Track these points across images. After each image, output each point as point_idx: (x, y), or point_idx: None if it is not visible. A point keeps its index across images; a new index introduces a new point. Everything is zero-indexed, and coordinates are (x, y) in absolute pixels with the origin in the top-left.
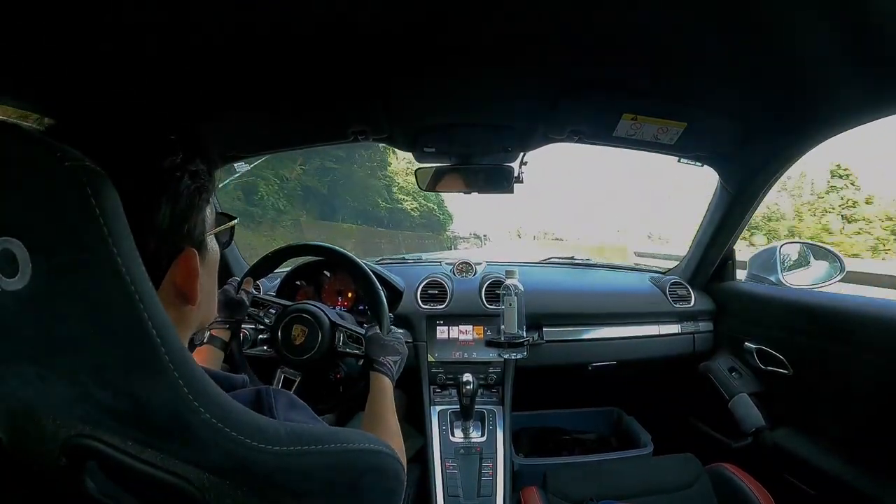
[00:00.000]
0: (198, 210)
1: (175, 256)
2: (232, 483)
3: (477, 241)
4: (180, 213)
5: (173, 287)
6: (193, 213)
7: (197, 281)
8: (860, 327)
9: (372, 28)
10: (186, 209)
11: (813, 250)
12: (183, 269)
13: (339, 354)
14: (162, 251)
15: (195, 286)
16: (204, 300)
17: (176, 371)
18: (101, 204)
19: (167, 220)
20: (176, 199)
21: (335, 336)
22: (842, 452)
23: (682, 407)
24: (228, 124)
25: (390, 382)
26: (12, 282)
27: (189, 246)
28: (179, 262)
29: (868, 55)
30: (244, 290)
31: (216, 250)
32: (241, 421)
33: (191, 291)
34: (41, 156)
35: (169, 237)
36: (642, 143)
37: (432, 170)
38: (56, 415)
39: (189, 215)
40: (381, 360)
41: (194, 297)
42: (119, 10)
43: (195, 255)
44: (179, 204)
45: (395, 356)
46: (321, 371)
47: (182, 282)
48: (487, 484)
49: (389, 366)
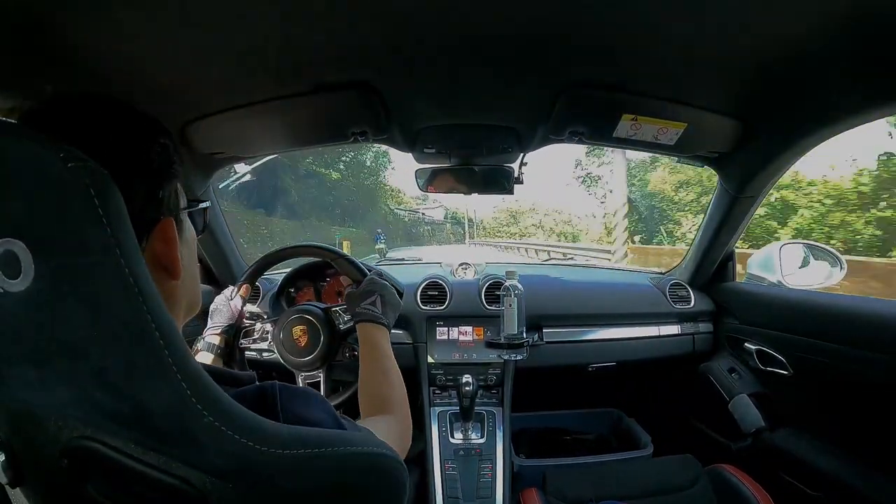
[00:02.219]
0: (168, 180)
1: (152, 227)
2: (234, 486)
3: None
4: (152, 182)
5: (154, 259)
6: (165, 182)
7: (176, 249)
8: (860, 328)
9: (371, 27)
10: (158, 178)
11: (813, 251)
12: (161, 237)
13: (342, 334)
14: (139, 222)
15: (175, 255)
16: (187, 277)
17: (179, 373)
18: (104, 205)
19: (141, 191)
20: (147, 169)
21: (332, 320)
22: (842, 453)
23: (681, 408)
24: (227, 125)
25: (380, 326)
26: (15, 283)
27: (166, 216)
28: (157, 231)
29: (868, 55)
30: (240, 297)
31: (193, 232)
32: (243, 423)
33: (172, 261)
34: (44, 156)
35: (144, 208)
36: (642, 144)
37: (432, 170)
38: (58, 417)
39: (161, 184)
40: (358, 310)
41: (177, 269)
42: (117, 8)
43: (172, 223)
44: (151, 173)
45: (370, 297)
46: (337, 360)
47: (162, 250)
48: (487, 485)
49: (369, 309)
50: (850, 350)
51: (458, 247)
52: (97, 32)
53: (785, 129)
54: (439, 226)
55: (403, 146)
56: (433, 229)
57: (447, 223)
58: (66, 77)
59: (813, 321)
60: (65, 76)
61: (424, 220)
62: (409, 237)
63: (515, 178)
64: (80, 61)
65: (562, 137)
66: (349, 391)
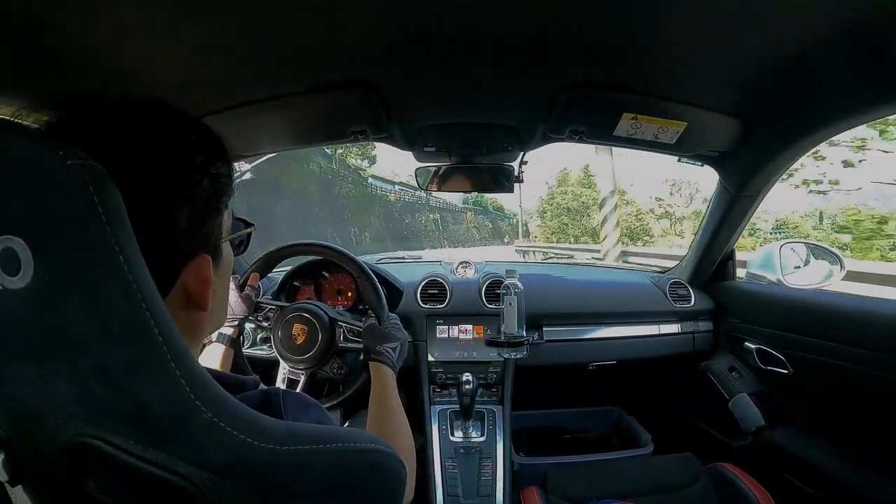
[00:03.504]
0: (216, 213)
1: (189, 260)
2: (233, 483)
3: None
4: (198, 215)
5: (184, 291)
6: (211, 216)
7: (209, 289)
8: (860, 327)
9: (372, 26)
10: (205, 212)
11: (813, 250)
12: (195, 275)
13: (340, 351)
14: (176, 253)
15: (207, 294)
16: (216, 306)
17: (178, 370)
18: (104, 202)
19: (185, 222)
20: (195, 201)
21: (335, 332)
22: (841, 452)
23: (682, 406)
24: (227, 124)
25: (391, 370)
26: (14, 280)
27: (202, 252)
28: (192, 267)
29: (867, 55)
30: (249, 286)
31: (230, 256)
32: (242, 420)
33: (202, 299)
34: (44, 154)
35: (185, 239)
36: (643, 143)
37: (432, 169)
38: (57, 415)
39: (207, 218)
40: (378, 349)
41: (206, 305)
42: (119, 8)
43: (209, 262)
44: (198, 206)
45: (393, 343)
46: (323, 368)
47: (193, 288)
48: (487, 483)
49: (388, 353)
50: (850, 349)
51: (500, 248)
52: (97, 31)
53: (785, 129)
54: (455, 214)
55: (403, 145)
56: (442, 219)
57: (467, 211)
58: (66, 77)
59: (813, 320)
60: (64, 75)
61: (428, 205)
62: (397, 235)
63: (516, 177)
64: (80, 60)
65: (562, 136)
66: (327, 403)
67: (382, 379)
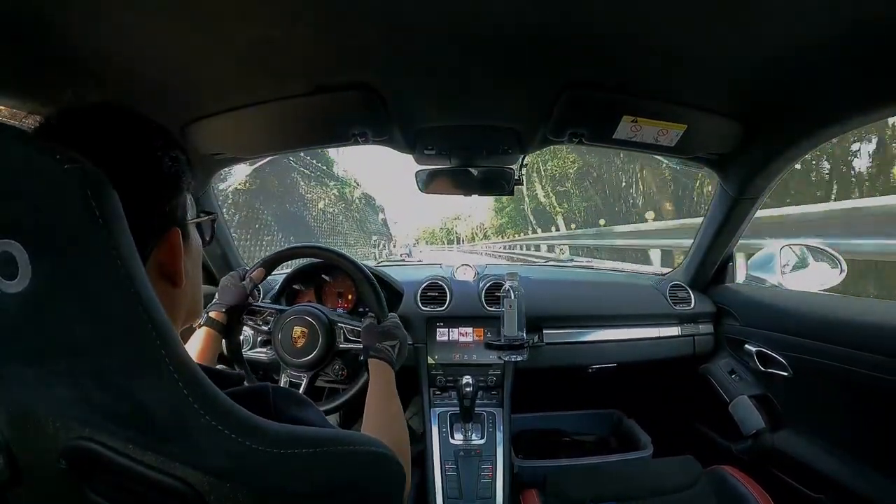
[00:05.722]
0: (178, 191)
1: (160, 235)
2: (231, 486)
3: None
4: (162, 193)
5: (158, 266)
6: (175, 193)
7: (181, 260)
8: (860, 329)
9: (372, 28)
10: (169, 189)
11: (812, 252)
12: (167, 247)
13: (340, 352)
14: (147, 230)
15: (179, 265)
16: (189, 286)
17: (176, 373)
18: (101, 206)
19: (150, 201)
20: (157, 180)
21: (335, 333)
22: (842, 454)
23: (682, 409)
24: (227, 125)
25: (389, 367)
26: (12, 284)
27: (172, 227)
28: (164, 239)
29: (867, 57)
30: (250, 278)
31: (198, 241)
32: (241, 423)
33: (176, 271)
34: (41, 158)
35: (153, 216)
36: (643, 146)
37: (432, 172)
38: (56, 418)
39: (171, 195)
40: (377, 346)
41: (180, 278)
42: (116, 8)
43: (178, 234)
44: (162, 183)
45: (392, 340)
46: (325, 371)
47: (166, 259)
48: (487, 486)
49: (387, 350)
50: (850, 351)
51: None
52: (97, 33)
53: (785, 131)
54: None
55: (404, 147)
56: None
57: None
58: (66, 78)
59: (813, 323)
60: (64, 76)
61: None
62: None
63: (516, 180)
64: (80, 62)
65: (562, 139)
66: (328, 405)
67: (380, 374)
